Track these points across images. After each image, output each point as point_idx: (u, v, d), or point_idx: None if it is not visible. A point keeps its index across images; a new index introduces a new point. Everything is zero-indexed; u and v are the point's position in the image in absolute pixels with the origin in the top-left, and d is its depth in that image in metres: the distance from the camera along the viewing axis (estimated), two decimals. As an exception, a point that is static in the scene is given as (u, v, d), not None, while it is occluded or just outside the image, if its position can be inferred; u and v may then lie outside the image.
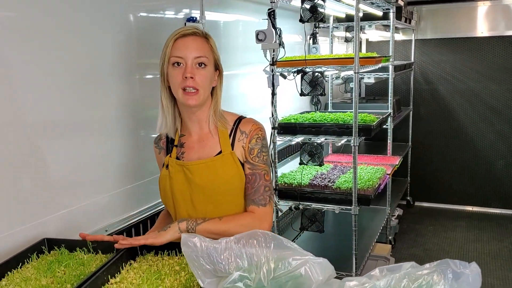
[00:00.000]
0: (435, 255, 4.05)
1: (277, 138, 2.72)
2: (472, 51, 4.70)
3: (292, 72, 2.69)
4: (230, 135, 1.56)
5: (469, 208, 4.99)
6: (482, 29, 4.62)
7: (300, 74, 2.64)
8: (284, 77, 2.66)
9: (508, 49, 4.56)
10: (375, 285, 0.91)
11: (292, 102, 3.66)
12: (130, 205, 2.04)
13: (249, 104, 3.10)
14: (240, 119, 1.60)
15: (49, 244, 1.48)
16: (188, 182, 1.53)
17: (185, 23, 2.29)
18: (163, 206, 2.24)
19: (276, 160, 2.75)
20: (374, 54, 2.99)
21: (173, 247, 1.43)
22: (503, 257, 3.90)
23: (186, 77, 1.44)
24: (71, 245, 1.46)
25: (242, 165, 1.55)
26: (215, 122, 1.56)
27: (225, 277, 1.06)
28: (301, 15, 2.63)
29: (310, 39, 3.87)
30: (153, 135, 2.18)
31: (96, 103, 1.83)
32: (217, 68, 1.55)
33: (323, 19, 2.60)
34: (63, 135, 1.69)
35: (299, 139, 2.73)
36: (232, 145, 1.55)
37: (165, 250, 1.43)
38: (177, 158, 1.58)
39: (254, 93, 3.13)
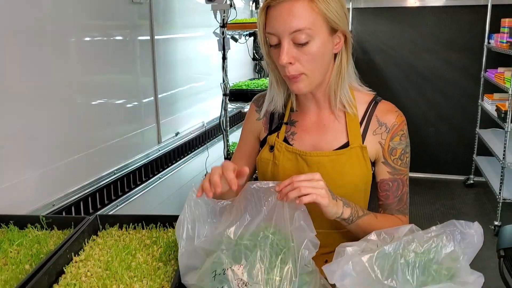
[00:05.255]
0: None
1: (229, 106, 2.62)
2: (406, 21, 4.79)
3: (244, 35, 2.58)
4: (361, 123, 1.22)
5: (402, 174, 5.18)
6: (414, -1, 4.72)
7: (253, 38, 2.54)
8: (236, 40, 2.55)
9: (439, 19, 4.68)
10: (384, 250, 0.86)
11: (235, 70, 3.55)
12: (78, 178, 1.87)
13: (194, 70, 2.96)
14: (375, 101, 1.25)
15: (-6, 222, 1.30)
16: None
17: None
18: (113, 178, 2.10)
19: (228, 128, 2.65)
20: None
21: (139, 220, 1.31)
22: (436, 219, 4.07)
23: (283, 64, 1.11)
24: (21, 222, 1.29)
25: (372, 163, 1.23)
26: (341, 102, 1.20)
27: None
28: (253, -25, 2.51)
29: (252, 3, 3.76)
30: (93, 103, 2.01)
31: (26, 68, 1.62)
32: (336, 29, 1.13)
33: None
34: None
35: (250, 105, 2.65)
36: (363, 136, 1.21)
37: (130, 224, 1.31)
38: (285, 139, 1.25)
39: (200, 58, 2.99)
